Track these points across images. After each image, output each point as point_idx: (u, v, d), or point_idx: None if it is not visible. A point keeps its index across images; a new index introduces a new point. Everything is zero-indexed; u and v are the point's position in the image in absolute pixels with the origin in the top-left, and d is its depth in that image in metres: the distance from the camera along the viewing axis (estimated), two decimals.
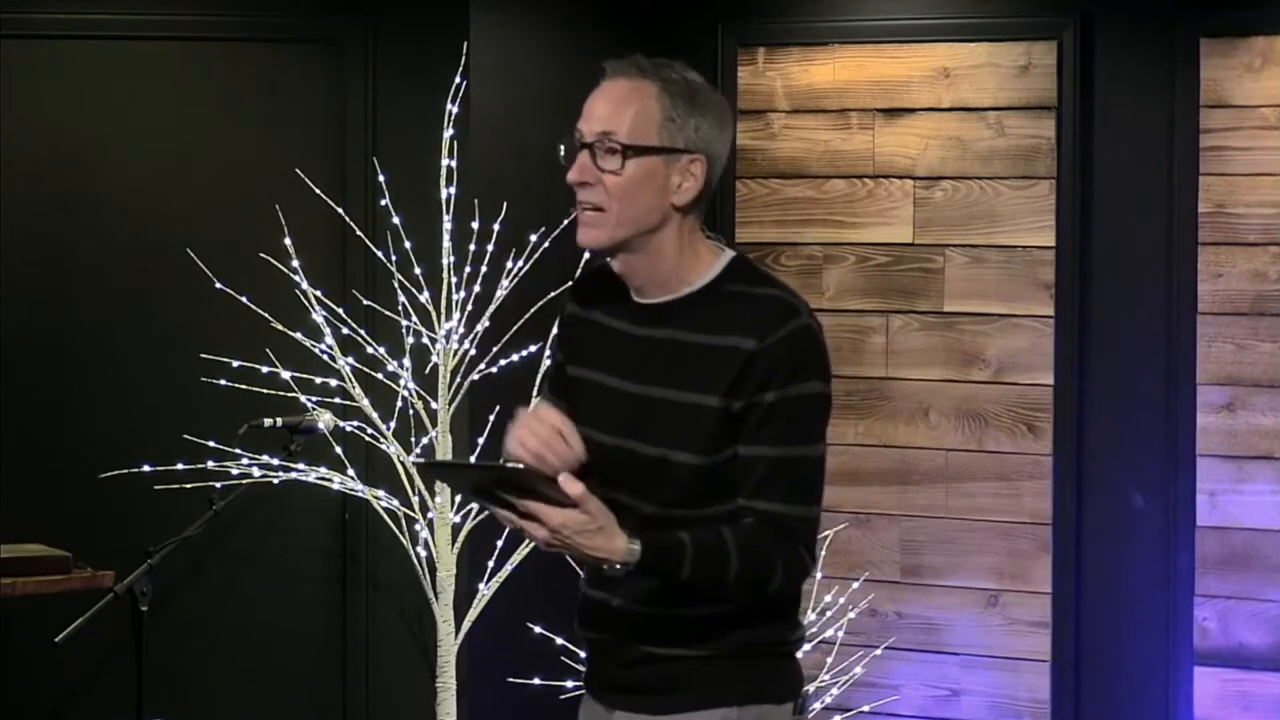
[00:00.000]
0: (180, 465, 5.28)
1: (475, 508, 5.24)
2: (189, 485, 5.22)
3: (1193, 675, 5.40)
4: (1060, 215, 5.50)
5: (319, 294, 5.30)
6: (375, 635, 5.59)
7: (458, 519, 5.27)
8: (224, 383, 5.35)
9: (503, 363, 5.34)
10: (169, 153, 5.61)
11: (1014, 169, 5.56)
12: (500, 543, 5.30)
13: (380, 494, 5.31)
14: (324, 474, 5.29)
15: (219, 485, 5.01)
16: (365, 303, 5.43)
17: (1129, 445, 5.47)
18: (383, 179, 5.37)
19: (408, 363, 5.32)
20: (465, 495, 3.10)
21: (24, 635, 5.47)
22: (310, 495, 5.43)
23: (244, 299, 5.29)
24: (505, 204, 5.36)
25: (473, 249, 5.32)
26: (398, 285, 5.32)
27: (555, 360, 3.24)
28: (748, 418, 2.95)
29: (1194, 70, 5.37)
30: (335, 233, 5.48)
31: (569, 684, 5.25)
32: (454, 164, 5.28)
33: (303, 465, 5.21)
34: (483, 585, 5.32)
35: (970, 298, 5.62)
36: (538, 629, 5.31)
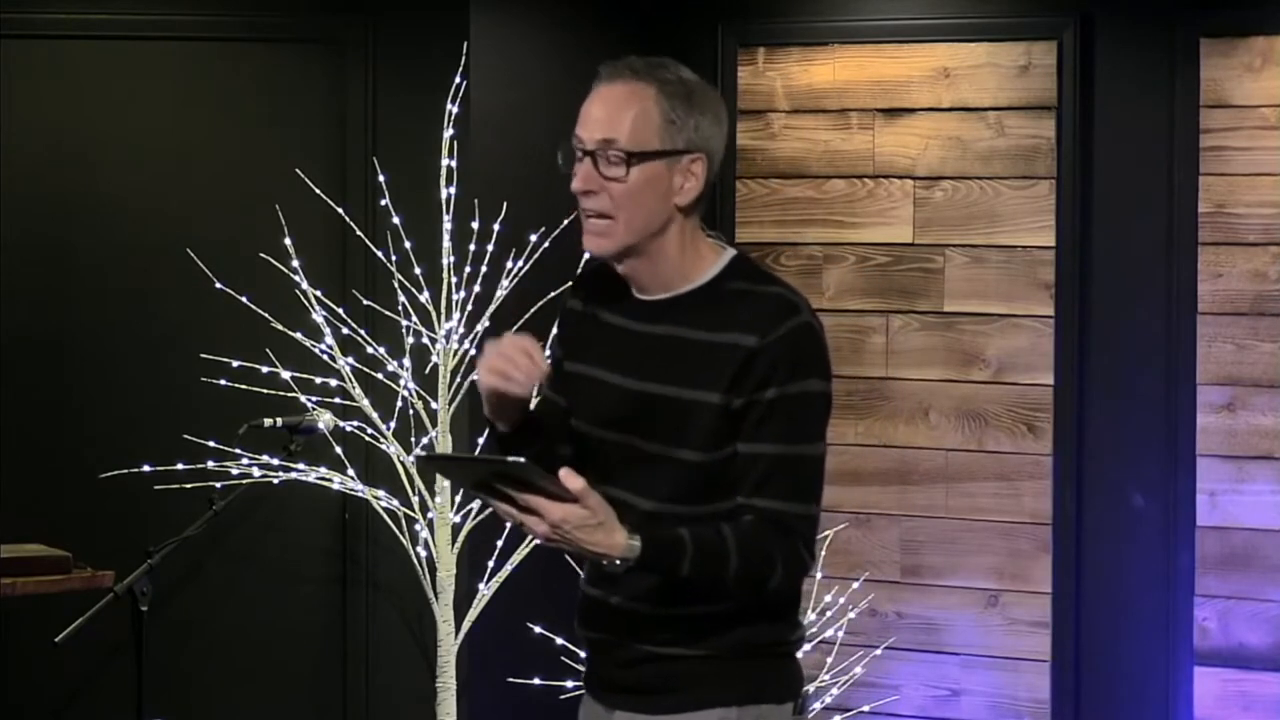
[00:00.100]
0: (180, 465, 5.28)
1: (475, 507, 5.24)
2: (189, 485, 5.22)
3: (1193, 675, 5.40)
4: (1060, 215, 5.50)
5: (319, 294, 5.30)
6: (375, 635, 5.59)
7: (458, 519, 5.27)
8: (224, 383, 5.35)
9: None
10: (169, 153, 5.61)
11: (1014, 169, 5.56)
12: (500, 543, 5.30)
13: (380, 494, 5.31)
14: (324, 474, 5.29)
15: (219, 485, 5.01)
16: (365, 303, 5.43)
17: (1129, 445, 5.47)
18: (383, 179, 5.37)
19: (408, 363, 5.32)
20: (465, 489, 3.09)
21: (24, 635, 5.46)
22: (310, 495, 5.42)
23: (244, 299, 5.29)
24: (505, 204, 5.36)
25: (473, 249, 5.32)
26: (398, 285, 5.32)
27: (554, 357, 3.24)
28: (748, 415, 2.95)
29: (1194, 70, 5.37)
30: (335, 233, 5.48)
31: (569, 684, 5.25)
32: (454, 164, 5.28)
33: (303, 465, 5.21)
34: (483, 585, 5.32)
35: (970, 298, 5.62)
36: (538, 629, 5.31)
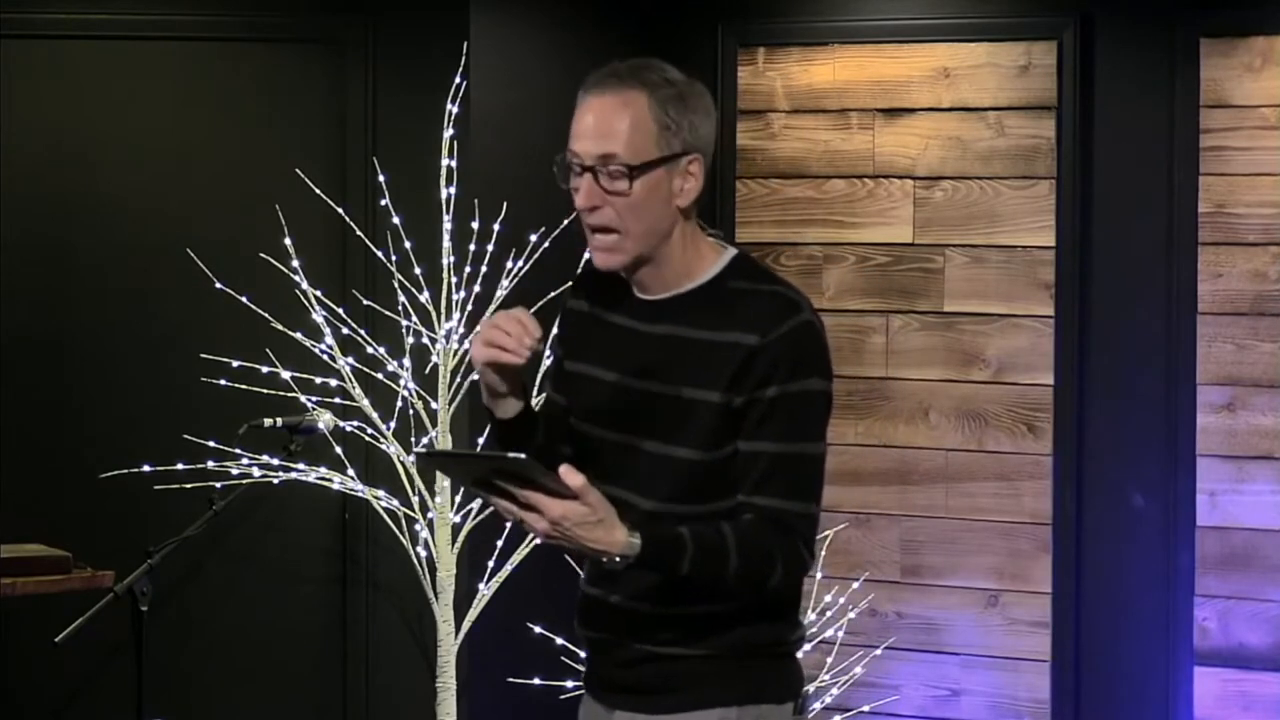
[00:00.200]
0: (180, 465, 5.28)
1: (475, 507, 5.24)
2: (189, 485, 5.22)
3: (1193, 675, 5.40)
4: (1060, 215, 5.50)
5: (319, 294, 5.30)
6: (375, 635, 5.59)
7: (458, 519, 5.27)
8: (224, 383, 5.34)
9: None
10: (169, 153, 5.61)
11: (1014, 169, 5.56)
12: (500, 543, 5.30)
13: (380, 494, 5.31)
14: (324, 474, 5.29)
15: (219, 485, 5.01)
16: (365, 303, 5.43)
17: (1129, 445, 5.47)
18: (383, 179, 5.37)
19: (408, 363, 5.32)
20: (465, 486, 3.08)
21: (24, 635, 5.46)
22: (310, 495, 5.42)
23: (244, 299, 5.29)
24: (505, 204, 5.36)
25: (473, 249, 5.32)
26: (398, 285, 5.32)
27: (555, 357, 3.23)
28: (749, 413, 2.94)
29: (1194, 70, 5.37)
30: (335, 233, 5.48)
31: (569, 684, 5.25)
32: (454, 164, 5.28)
33: (303, 465, 5.21)
34: (483, 585, 5.32)
35: (970, 298, 5.61)
36: (538, 629, 5.31)
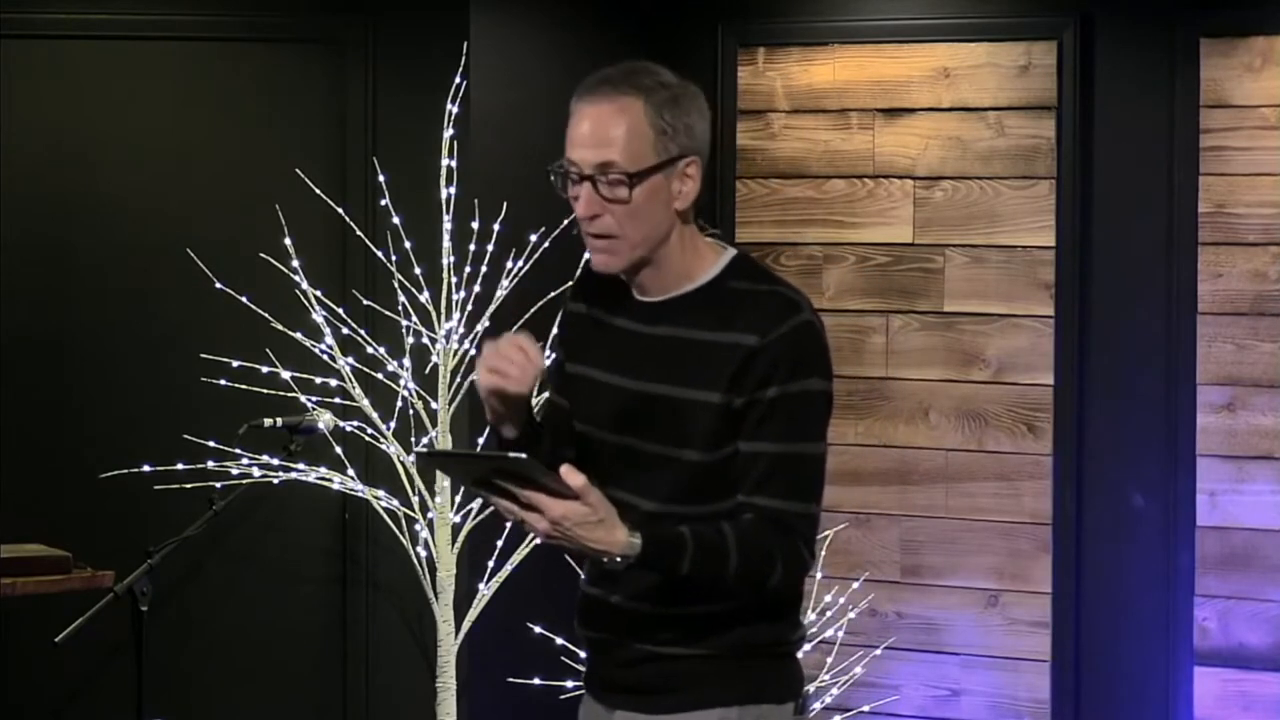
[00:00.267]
0: (180, 465, 5.28)
1: (475, 507, 5.24)
2: (189, 485, 5.22)
3: (1193, 675, 5.40)
4: (1060, 215, 5.50)
5: (319, 294, 5.30)
6: (375, 635, 5.59)
7: (458, 519, 5.27)
8: (224, 383, 5.34)
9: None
10: (169, 153, 5.61)
11: (1014, 169, 5.56)
12: (500, 543, 5.29)
13: (380, 494, 5.31)
14: (324, 474, 5.29)
15: (219, 485, 5.01)
16: (365, 303, 5.43)
17: (1129, 445, 5.47)
18: (383, 179, 5.37)
19: (408, 363, 5.32)
20: (466, 486, 3.08)
21: (24, 635, 5.46)
22: (310, 495, 5.42)
23: (244, 299, 5.29)
24: (505, 204, 5.36)
25: (473, 249, 5.32)
26: (398, 285, 5.32)
27: (556, 359, 3.23)
28: (749, 414, 2.94)
29: (1194, 70, 5.37)
30: (335, 233, 5.48)
31: (569, 684, 5.25)
32: (454, 164, 5.28)
33: (303, 465, 5.21)
34: (483, 585, 5.32)
35: (970, 298, 5.61)
36: (538, 629, 5.31)
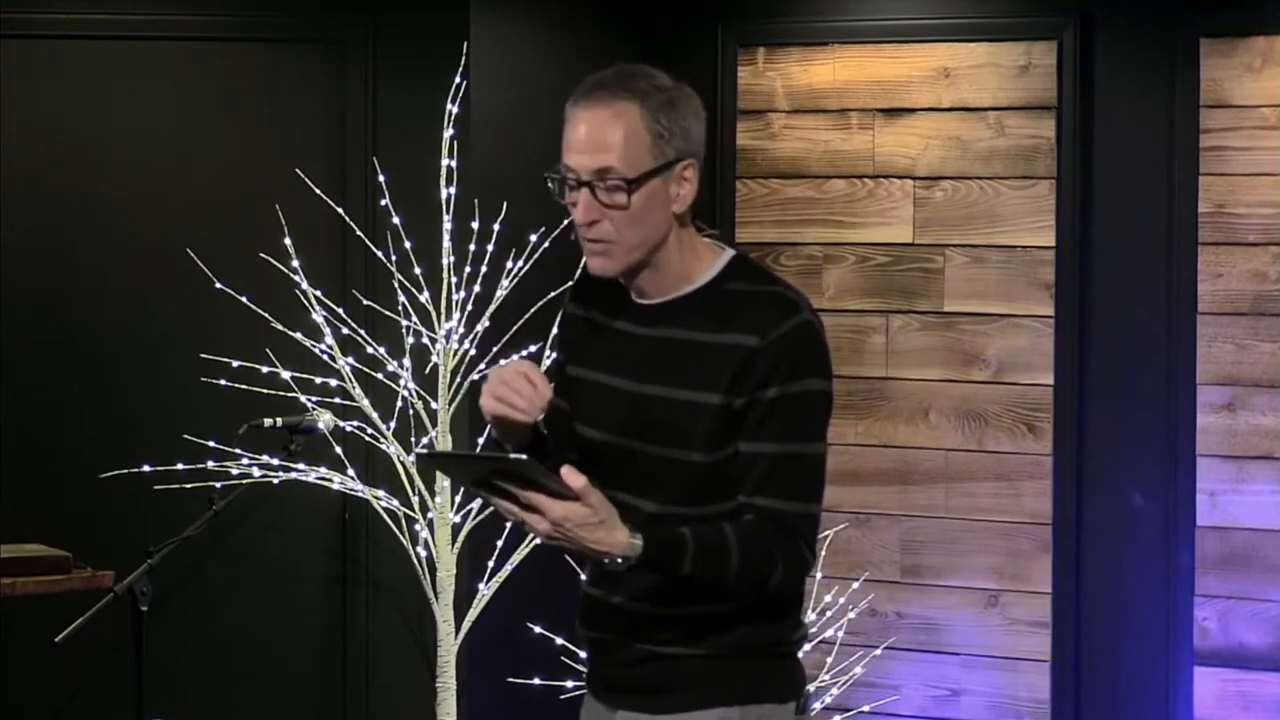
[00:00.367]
0: (180, 465, 5.28)
1: (475, 507, 5.24)
2: (189, 485, 5.22)
3: (1193, 675, 5.40)
4: (1060, 215, 5.50)
5: (319, 294, 5.30)
6: (375, 635, 5.59)
7: (458, 519, 5.27)
8: (224, 383, 5.34)
9: (503, 363, 5.32)
10: (169, 153, 5.61)
11: (1014, 169, 5.56)
12: (500, 543, 5.30)
13: (380, 494, 5.31)
14: (324, 474, 5.29)
15: (219, 485, 5.01)
16: (365, 303, 5.43)
17: (1129, 445, 5.47)
18: (383, 179, 5.37)
19: (408, 363, 5.32)
20: (466, 487, 3.08)
21: (24, 635, 5.46)
22: (310, 495, 5.42)
23: (244, 299, 5.29)
24: (505, 204, 5.36)
25: (473, 249, 5.32)
26: (398, 285, 5.32)
27: (556, 360, 3.23)
28: (749, 415, 2.94)
29: (1194, 70, 5.37)
30: (335, 233, 5.48)
31: (569, 684, 5.25)
32: (454, 164, 5.28)
33: (303, 465, 5.21)
34: (483, 585, 5.32)
35: (970, 298, 5.62)
36: (538, 629, 5.31)
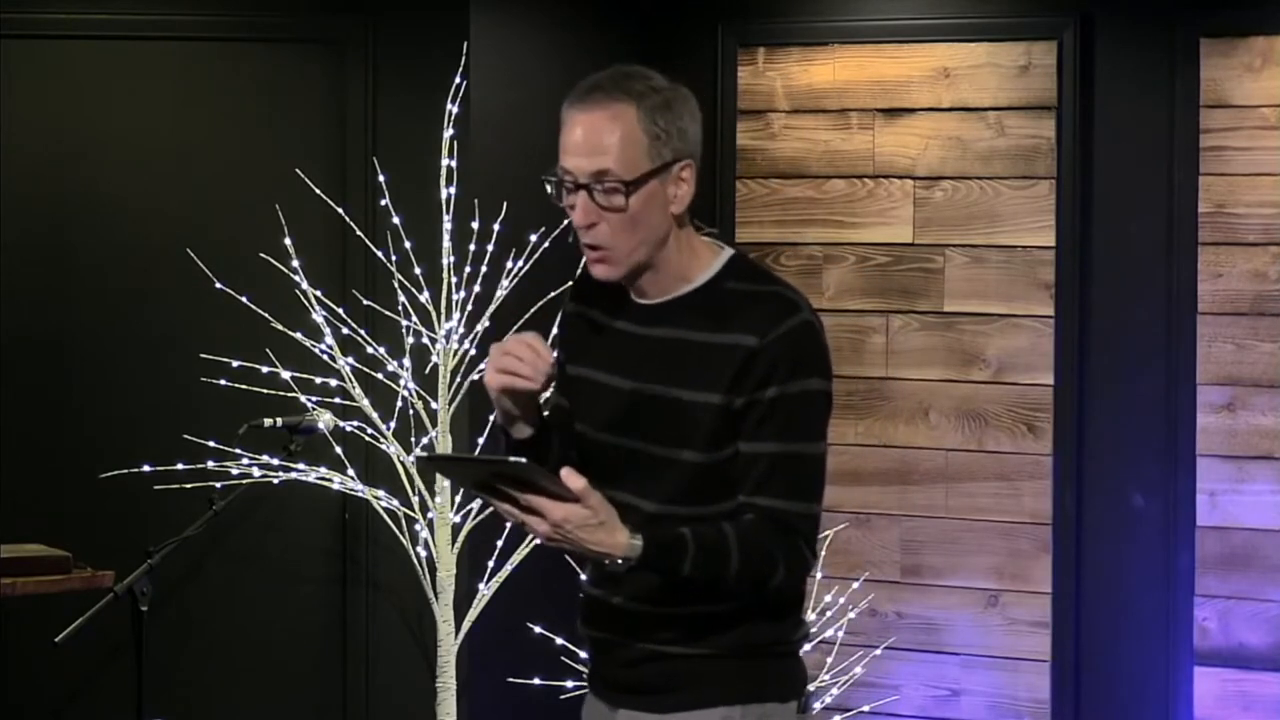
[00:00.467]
0: (180, 465, 5.28)
1: (475, 507, 5.24)
2: (189, 485, 5.22)
3: (1193, 675, 5.40)
4: (1060, 215, 5.50)
5: (319, 294, 5.30)
6: (375, 635, 5.59)
7: (458, 519, 5.27)
8: (224, 383, 5.34)
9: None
10: (169, 153, 5.61)
11: (1014, 169, 5.56)
12: (500, 543, 5.30)
13: (380, 494, 5.31)
14: (324, 474, 5.29)
15: (219, 485, 5.01)
16: (365, 303, 5.43)
17: (1129, 445, 5.47)
18: (383, 179, 5.37)
19: (408, 363, 5.32)
20: (467, 490, 3.09)
21: (24, 635, 5.46)
22: (310, 495, 5.42)
23: (244, 299, 5.29)
24: (505, 204, 5.36)
25: (473, 249, 5.32)
26: (398, 285, 5.32)
27: (558, 359, 3.23)
28: (749, 414, 2.94)
29: (1194, 70, 5.37)
30: (335, 233, 5.48)
31: (569, 684, 5.25)
32: (454, 164, 5.28)
33: (303, 465, 5.21)
34: (483, 585, 5.32)
35: (970, 298, 5.62)
36: (538, 629, 5.31)
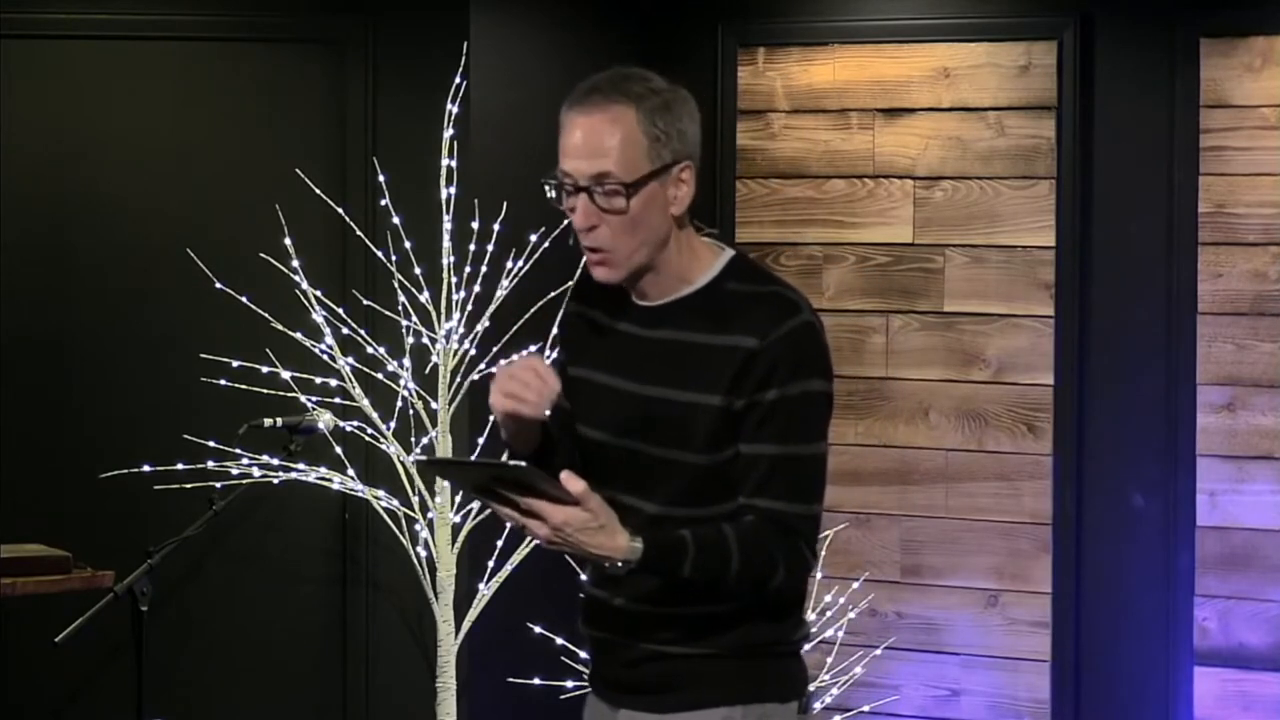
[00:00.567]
0: (180, 465, 5.28)
1: (475, 508, 5.24)
2: (189, 485, 5.22)
3: (1193, 675, 5.40)
4: (1060, 215, 5.50)
5: (319, 294, 5.30)
6: (375, 635, 5.59)
7: (458, 519, 5.27)
8: (224, 383, 5.34)
9: (503, 363, 5.33)
10: (169, 153, 5.61)
11: (1014, 169, 5.56)
12: (500, 543, 5.29)
13: (380, 494, 5.31)
14: (324, 474, 5.29)
15: (219, 485, 5.01)
16: (365, 303, 5.43)
17: (1129, 445, 5.47)
18: (383, 179, 5.37)
19: (408, 363, 5.32)
20: (467, 493, 3.09)
21: (24, 635, 5.46)
22: (310, 495, 5.42)
23: (244, 299, 5.29)
24: (505, 204, 5.36)
25: (473, 249, 5.32)
26: (398, 285, 5.32)
27: (558, 361, 3.23)
28: (749, 416, 2.94)
29: (1194, 70, 5.37)
30: (335, 233, 5.48)
31: (569, 684, 5.25)
32: (454, 164, 5.28)
33: (303, 465, 5.21)
34: (483, 585, 5.32)
35: (970, 298, 5.62)
36: (538, 629, 5.31)
